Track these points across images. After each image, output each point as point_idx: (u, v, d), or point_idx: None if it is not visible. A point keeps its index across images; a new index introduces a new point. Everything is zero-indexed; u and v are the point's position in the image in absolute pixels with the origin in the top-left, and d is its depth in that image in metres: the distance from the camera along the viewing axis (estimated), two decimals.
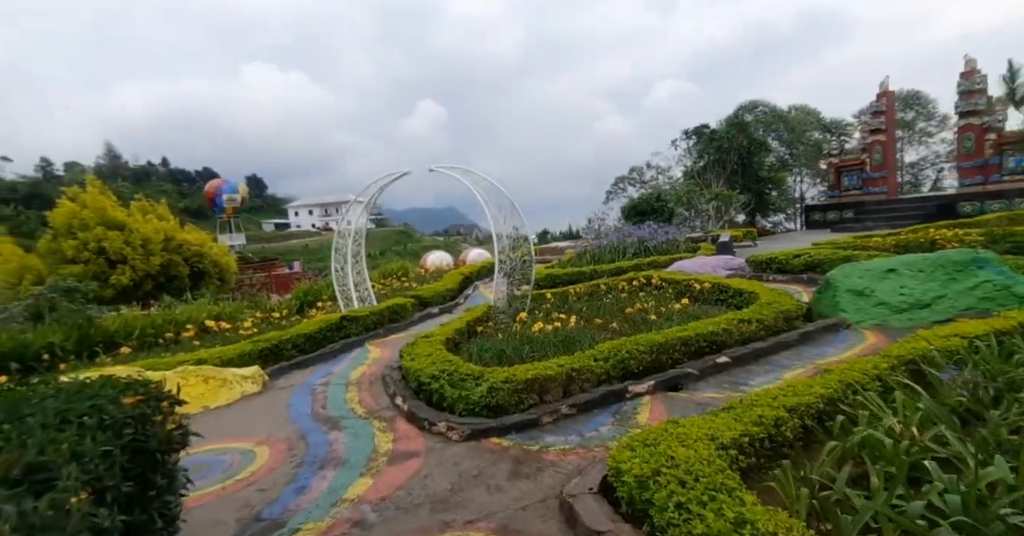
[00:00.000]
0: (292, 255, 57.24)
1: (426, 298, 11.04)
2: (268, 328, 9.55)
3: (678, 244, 13.09)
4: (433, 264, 21.11)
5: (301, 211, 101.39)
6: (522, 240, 8.56)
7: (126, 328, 8.81)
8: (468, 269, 13.52)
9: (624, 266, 10.93)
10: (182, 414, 2.51)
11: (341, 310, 9.61)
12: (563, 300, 8.81)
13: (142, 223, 16.33)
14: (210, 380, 5.76)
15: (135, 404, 2.07)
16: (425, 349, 5.84)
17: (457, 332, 7.02)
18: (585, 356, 4.90)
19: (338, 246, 9.64)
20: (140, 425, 1.99)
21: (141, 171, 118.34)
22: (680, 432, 2.95)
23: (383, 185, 9.16)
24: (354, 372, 6.67)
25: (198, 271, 18.63)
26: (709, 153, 23.79)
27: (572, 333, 6.16)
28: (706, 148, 24.07)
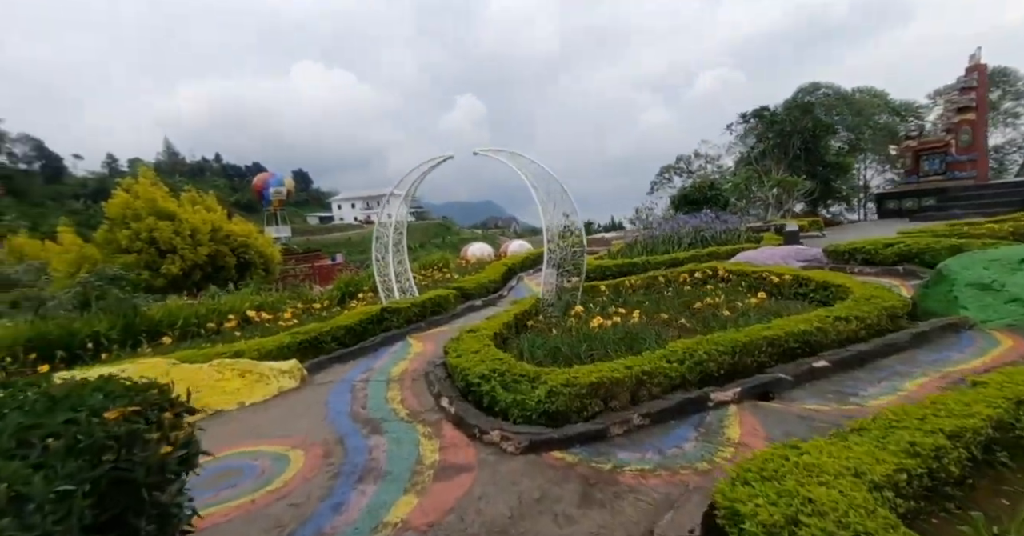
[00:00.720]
0: (335, 247, 58.30)
1: (469, 290, 10.58)
2: (309, 319, 9.29)
3: (739, 234, 12.12)
4: (474, 255, 20.72)
5: (344, 205, 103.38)
6: (572, 228, 7.93)
7: (170, 317, 8.70)
8: (511, 260, 12.99)
9: (680, 257, 10.14)
10: (192, 426, 2.04)
11: (382, 301, 9.24)
12: (617, 293, 8.14)
13: (191, 213, 16.56)
14: (247, 374, 5.43)
15: (121, 418, 1.60)
16: (472, 345, 5.33)
17: (505, 326, 6.49)
18: (655, 357, 4.26)
19: (379, 235, 9.26)
20: (126, 448, 1.52)
21: (196, 167, 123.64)
22: (808, 462, 2.30)
23: (426, 170, 8.69)
24: (395, 368, 6.24)
25: (244, 261, 18.85)
26: (769, 137, 22.18)
27: (634, 329, 5.51)
28: (765, 132, 22.45)
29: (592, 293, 8.17)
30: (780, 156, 21.18)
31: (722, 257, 10.20)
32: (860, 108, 26.13)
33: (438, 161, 8.58)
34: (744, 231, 12.25)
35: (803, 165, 20.92)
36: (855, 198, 29.10)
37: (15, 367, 6.17)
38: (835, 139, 24.21)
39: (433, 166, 8.62)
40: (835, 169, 22.54)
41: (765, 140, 22.36)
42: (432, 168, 8.67)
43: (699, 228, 11.99)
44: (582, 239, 7.90)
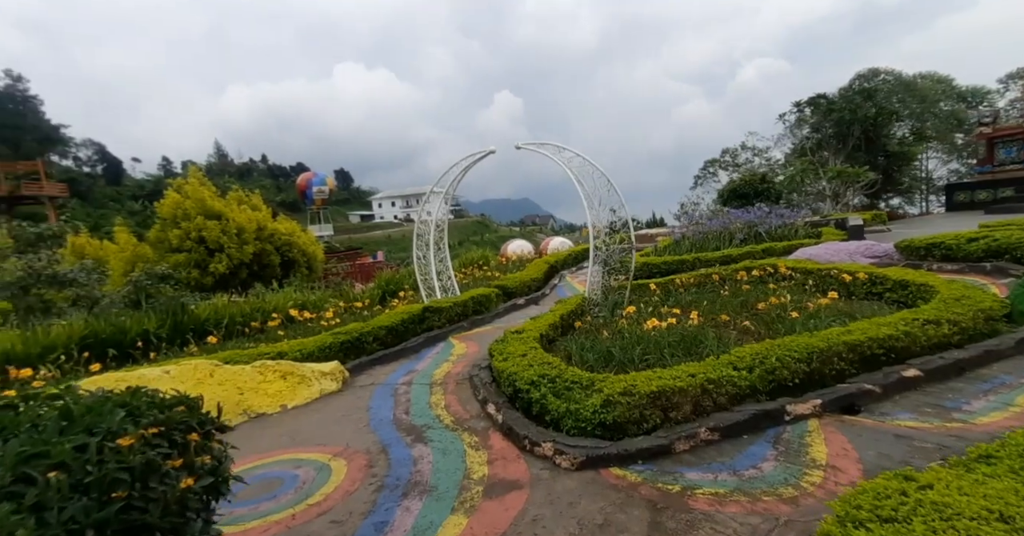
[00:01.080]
0: (375, 245, 59.30)
1: (511, 288, 10.33)
2: (350, 318, 9.24)
3: (796, 229, 11.38)
4: (514, 253, 20.49)
5: (384, 203, 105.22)
6: (620, 224, 7.54)
7: (216, 316, 8.81)
8: (553, 258, 12.67)
9: (733, 254, 9.56)
10: (224, 447, 1.83)
11: (423, 300, 9.10)
12: (667, 292, 7.71)
13: (237, 212, 16.93)
14: (288, 376, 5.33)
15: (139, 443, 1.39)
16: (518, 347, 5.06)
17: (551, 327, 6.20)
18: (720, 363, 3.88)
19: (420, 233, 9.11)
20: (141, 482, 1.31)
21: (244, 168, 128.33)
22: (935, 500, 1.91)
23: (468, 165, 8.47)
24: (438, 370, 6.04)
25: (288, 260, 19.19)
26: (826, 126, 20.81)
27: (692, 332, 5.11)
28: (822, 121, 21.08)
29: (641, 292, 7.76)
30: (837, 146, 19.83)
31: (779, 254, 9.56)
32: (923, 95, 24.18)
33: (480, 156, 8.34)
34: (802, 226, 11.50)
35: (863, 155, 19.52)
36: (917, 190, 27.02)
37: (69, 365, 6.30)
38: (897, 127, 22.50)
39: (475, 161, 8.39)
40: (898, 159, 20.94)
41: (822, 129, 20.96)
42: (474, 163, 8.44)
43: (752, 223, 11.32)
44: (630, 235, 7.51)
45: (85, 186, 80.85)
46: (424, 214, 9.13)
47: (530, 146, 8.01)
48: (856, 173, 16.27)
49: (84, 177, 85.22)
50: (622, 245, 7.52)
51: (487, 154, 8.35)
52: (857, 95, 20.75)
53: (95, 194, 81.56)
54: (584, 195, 7.59)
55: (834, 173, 16.39)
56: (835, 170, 16.55)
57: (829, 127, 20.36)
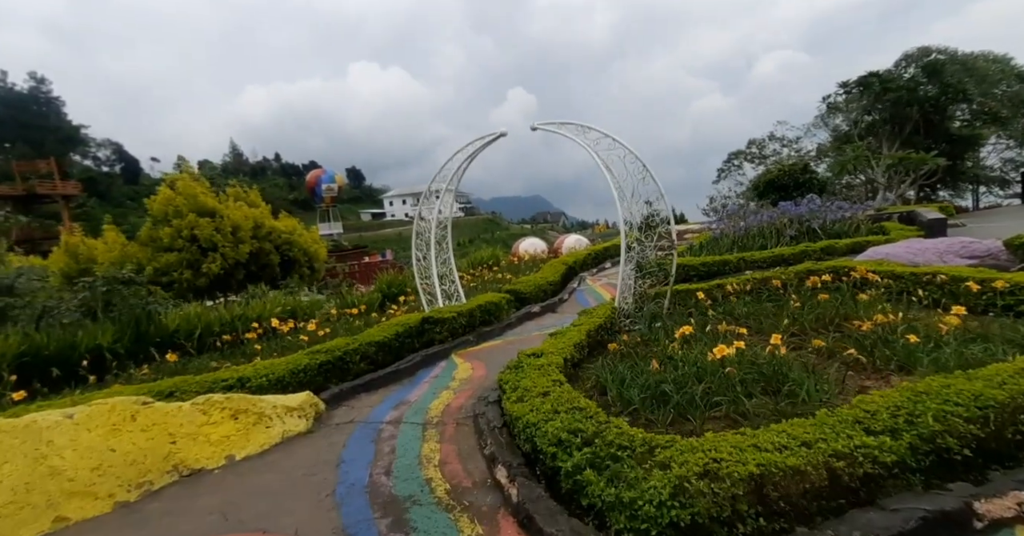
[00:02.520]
0: (386, 244, 58.45)
1: (524, 293, 9.08)
2: (341, 328, 8.07)
3: (857, 224, 9.95)
4: (526, 252, 19.23)
5: (395, 201, 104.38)
6: (658, 219, 6.25)
7: (187, 326, 7.68)
8: (571, 258, 11.39)
9: (785, 253, 8.21)
10: None
11: (423, 308, 7.88)
12: (714, 300, 6.39)
13: (233, 209, 15.90)
14: (241, 416, 4.13)
15: None
16: (537, 381, 3.82)
17: (576, 348, 4.95)
18: (841, 423, 2.59)
19: (419, 230, 7.89)
20: None
21: (258, 167, 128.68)
22: None
23: (476, 149, 7.23)
24: (435, 402, 4.81)
25: (288, 259, 18.15)
26: (878, 109, 18.98)
27: (769, 361, 3.81)
28: (875, 102, 19.25)
29: (683, 300, 6.46)
30: (892, 131, 17.99)
31: (841, 253, 8.19)
32: (983, 74, 21.97)
33: (490, 138, 7.10)
34: (864, 220, 10.05)
35: (922, 141, 17.69)
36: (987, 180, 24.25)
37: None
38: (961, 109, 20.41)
39: (484, 145, 7.14)
40: (963, 144, 18.92)
41: (874, 112, 19.11)
42: (483, 147, 7.20)
43: (802, 218, 9.91)
44: (671, 232, 6.21)
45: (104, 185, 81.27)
46: (424, 211, 7.90)
47: (548, 126, 6.75)
48: (922, 159, 14.53)
49: (103, 176, 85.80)
50: (660, 244, 6.22)
51: (497, 137, 7.10)
52: (920, 71, 18.80)
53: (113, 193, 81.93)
54: (613, 184, 6.31)
55: (895, 160, 14.67)
56: (896, 156, 14.84)
57: (884, 109, 18.47)
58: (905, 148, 17.25)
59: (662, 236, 6.20)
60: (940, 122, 18.48)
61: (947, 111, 18.73)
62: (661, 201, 6.21)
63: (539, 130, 6.83)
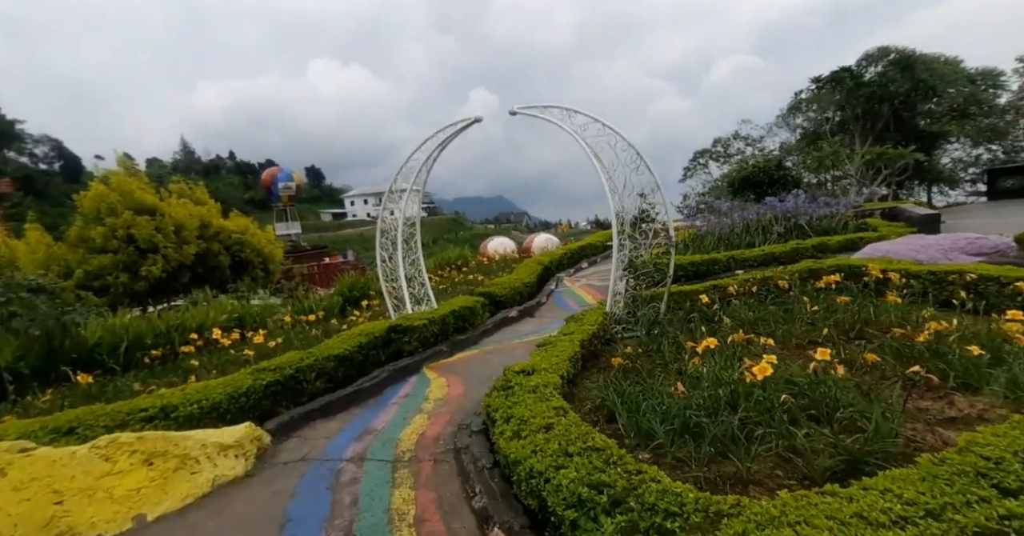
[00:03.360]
0: (347, 244, 56.60)
1: (499, 296, 8.35)
2: (296, 338, 7.15)
3: (844, 221, 9.67)
4: (495, 251, 18.50)
5: (357, 200, 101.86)
6: (653, 213, 5.65)
7: (111, 339, 6.61)
8: (546, 258, 10.73)
9: (776, 252, 7.77)
10: None
11: (389, 314, 7.06)
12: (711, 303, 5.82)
13: (176, 207, 14.54)
14: (159, 459, 3.25)
15: None
16: (534, 407, 3.13)
17: (571, 363, 4.26)
18: (960, 473, 1.98)
19: (384, 228, 7.05)
20: None
21: (211, 165, 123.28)
22: None
23: (448, 136, 6.47)
24: (407, 430, 4.03)
25: (240, 261, 16.85)
26: (851, 105, 19.06)
27: (813, 381, 3.21)
28: (848, 98, 19.35)
29: (678, 303, 5.87)
30: (863, 127, 18.13)
31: (834, 251, 7.83)
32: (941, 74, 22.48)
33: (463, 124, 6.34)
34: (850, 217, 9.77)
35: (893, 136, 17.89)
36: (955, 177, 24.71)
37: None
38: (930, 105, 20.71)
39: (457, 131, 6.38)
40: (931, 140, 19.22)
41: (849, 108, 19.20)
42: (456, 134, 6.43)
43: (788, 214, 9.55)
44: (668, 228, 5.61)
45: (41, 183, 76.02)
46: (389, 206, 7.07)
47: (530, 111, 6.05)
48: (900, 154, 14.54)
49: (40, 174, 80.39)
50: (656, 241, 5.61)
51: (471, 123, 6.35)
52: (893, 67, 18.99)
53: (52, 192, 76.73)
54: (603, 174, 5.68)
55: (874, 155, 14.66)
56: (875, 151, 14.85)
57: (855, 105, 18.58)
58: (877, 144, 17.46)
59: (658, 232, 5.59)
60: (910, 119, 18.81)
61: (916, 108, 19.07)
62: (657, 193, 5.61)
63: (519, 115, 6.12)
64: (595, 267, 11.38)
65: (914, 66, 19.42)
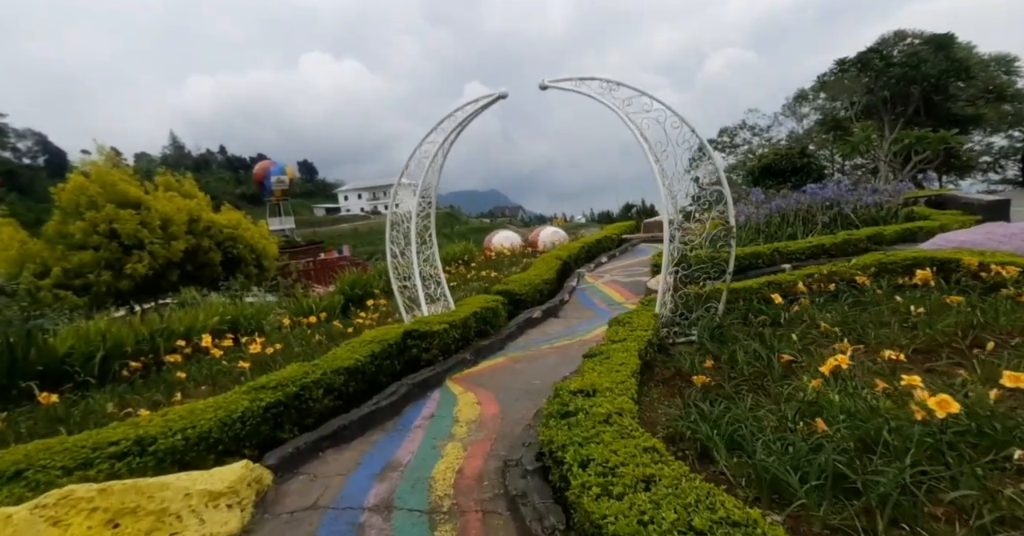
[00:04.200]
0: (342, 239, 55.62)
1: (519, 294, 7.61)
2: (296, 343, 6.39)
3: (895, 209, 8.95)
4: (500, 246, 17.73)
5: (350, 195, 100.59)
6: (709, 198, 4.92)
7: (85, 347, 5.82)
8: (564, 252, 9.98)
9: (827, 243, 7.06)
10: None
11: (401, 317, 6.30)
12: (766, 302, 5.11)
13: (162, 201, 13.66)
14: (126, 520, 2.49)
15: None
16: (616, 446, 2.48)
17: (634, 376, 3.54)
18: None
19: (396, 220, 6.26)
20: None
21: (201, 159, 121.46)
22: None
23: (471, 113, 5.69)
24: (440, 465, 3.29)
25: (232, 257, 16.00)
26: (880, 87, 18.10)
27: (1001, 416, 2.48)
28: (876, 81, 18.43)
29: (733, 302, 5.14)
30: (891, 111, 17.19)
31: (890, 242, 7.15)
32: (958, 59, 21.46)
33: (487, 100, 5.58)
34: (899, 205, 9.03)
35: (923, 121, 17.06)
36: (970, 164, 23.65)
37: None
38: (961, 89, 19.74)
39: (480, 108, 5.61)
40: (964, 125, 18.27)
41: (878, 90, 18.28)
42: (479, 111, 5.66)
43: (829, 202, 8.80)
44: (729, 216, 4.88)
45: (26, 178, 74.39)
46: (401, 195, 6.28)
47: (563, 84, 5.29)
48: (943, 138, 13.64)
49: (24, 169, 78.77)
50: (716, 231, 4.88)
51: (496, 99, 5.58)
52: (927, 45, 18.05)
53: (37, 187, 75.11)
54: (651, 155, 4.94)
55: (912, 138, 13.76)
56: (914, 135, 13.97)
57: (883, 88, 17.61)
58: (907, 129, 16.64)
59: (717, 221, 4.85)
60: (941, 102, 17.98)
61: (948, 90, 18.20)
62: (714, 174, 4.87)
63: (550, 89, 5.35)
64: (615, 261, 10.65)
65: (950, 45, 18.46)
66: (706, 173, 5.17)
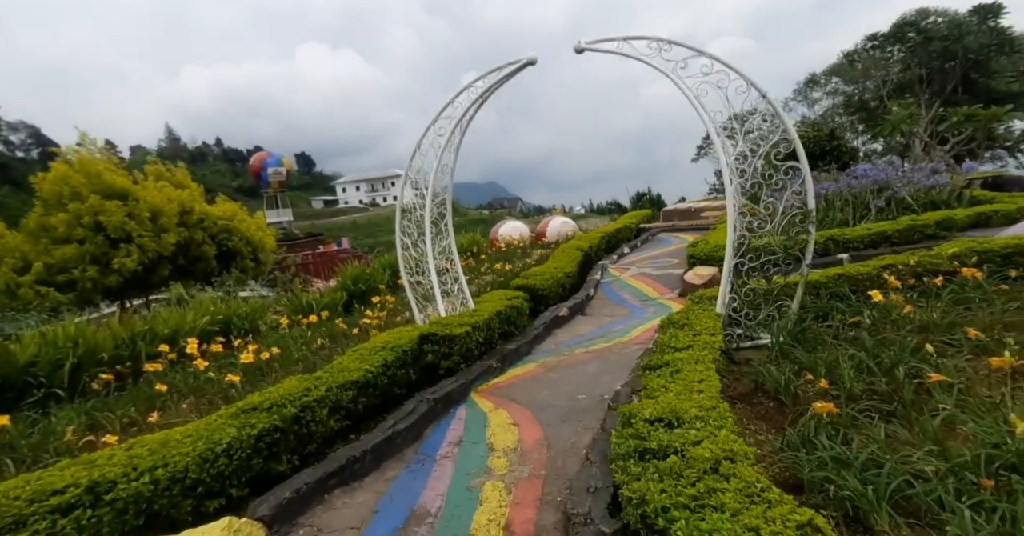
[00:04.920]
0: (341, 232, 54.77)
1: (541, 290, 6.88)
2: (294, 347, 5.65)
3: (958, 192, 8.11)
4: (508, 236, 16.94)
5: (348, 187, 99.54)
6: (784, 177, 4.17)
7: (53, 354, 5.07)
8: (585, 242, 9.22)
9: (888, 230, 6.29)
10: None
11: (413, 317, 5.55)
12: (840, 297, 4.37)
13: (152, 191, 12.84)
14: None
15: None
16: (746, 515, 1.65)
17: (720, 398, 2.81)
18: None
19: (407, 207, 5.49)
20: None
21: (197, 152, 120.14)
22: None
23: (495, 81, 4.90)
24: (479, 515, 2.57)
25: (227, 250, 15.22)
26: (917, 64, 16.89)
27: None
28: (913, 55, 17.26)
29: (805, 298, 4.40)
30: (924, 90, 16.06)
31: (961, 228, 6.43)
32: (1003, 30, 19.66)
33: (515, 67, 4.79)
34: (961, 187, 8.22)
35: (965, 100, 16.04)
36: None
37: None
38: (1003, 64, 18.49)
39: (506, 76, 4.81)
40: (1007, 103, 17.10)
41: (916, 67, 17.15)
42: (506, 79, 4.86)
43: (879, 184, 8.00)
44: (807, 196, 4.14)
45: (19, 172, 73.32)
46: (413, 177, 5.49)
47: (603, 46, 4.52)
48: (994, 114, 12.63)
49: (17, 162, 77.64)
50: (793, 214, 4.14)
51: (525, 64, 4.79)
52: (973, 14, 16.78)
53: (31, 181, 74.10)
54: (711, 127, 4.20)
55: (961, 116, 12.75)
56: (963, 112, 12.98)
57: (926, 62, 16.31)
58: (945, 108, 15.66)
59: (793, 205, 4.11)
60: (980, 80, 16.89)
61: (990, 66, 17.06)
62: (789, 145, 4.12)
63: (588, 52, 4.57)
64: (638, 252, 9.91)
65: (997, 14, 17.17)
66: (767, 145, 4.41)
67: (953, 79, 16.47)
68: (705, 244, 7.03)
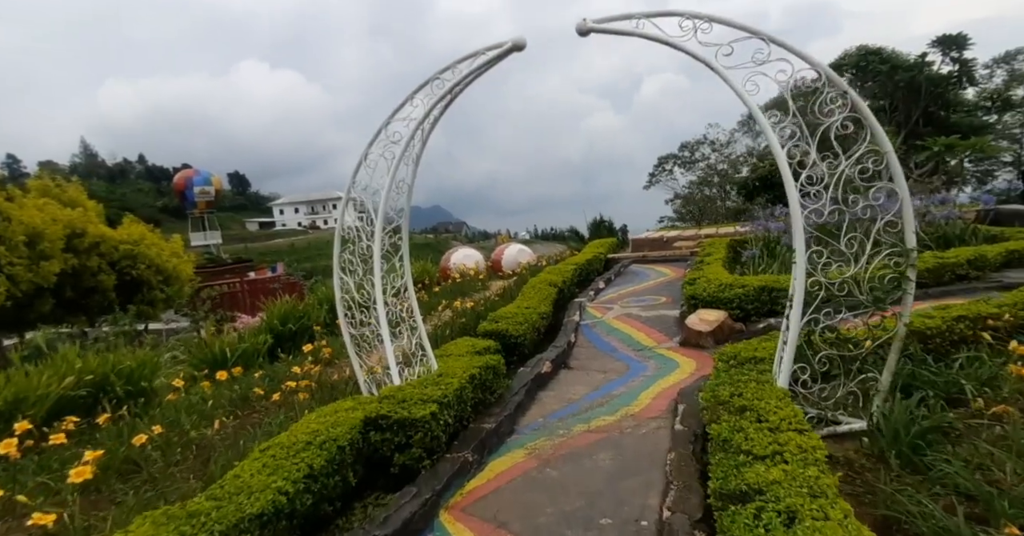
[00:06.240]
0: (276, 256, 51.38)
1: (514, 336, 5.62)
2: (191, 423, 4.06)
3: (972, 228, 7.53)
4: (462, 265, 15.54)
5: (287, 209, 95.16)
6: (867, 192, 3.15)
7: None
8: (557, 276, 8.02)
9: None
10: None
11: (359, 384, 4.11)
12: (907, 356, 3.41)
13: (31, 210, 10.62)
14: None
15: None
16: None
17: None
18: None
19: (349, 237, 4.09)
20: None
21: (117, 169, 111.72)
22: None
23: (474, 70, 3.66)
24: None
25: (132, 280, 12.98)
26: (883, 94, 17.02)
27: None
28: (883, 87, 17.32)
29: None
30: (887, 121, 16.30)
31: (994, 267, 5.75)
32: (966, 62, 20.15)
33: (497, 52, 3.58)
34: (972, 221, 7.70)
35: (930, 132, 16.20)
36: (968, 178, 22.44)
37: None
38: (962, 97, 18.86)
39: (490, 59, 3.59)
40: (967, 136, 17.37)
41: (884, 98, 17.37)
42: (484, 68, 3.63)
43: None
44: (905, 227, 3.11)
45: None
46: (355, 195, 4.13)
47: (616, 25, 3.42)
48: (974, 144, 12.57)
49: None
50: (882, 250, 3.10)
51: (510, 49, 3.60)
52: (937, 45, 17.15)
53: None
54: (770, 131, 3.16)
55: (941, 146, 12.70)
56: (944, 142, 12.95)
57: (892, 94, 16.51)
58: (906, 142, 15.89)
59: (884, 231, 3.07)
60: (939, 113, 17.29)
61: (950, 98, 17.59)
62: (876, 139, 3.10)
63: (596, 33, 3.46)
64: (615, 287, 8.81)
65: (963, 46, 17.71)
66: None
67: (916, 111, 17.01)
68: (706, 282, 6.01)
